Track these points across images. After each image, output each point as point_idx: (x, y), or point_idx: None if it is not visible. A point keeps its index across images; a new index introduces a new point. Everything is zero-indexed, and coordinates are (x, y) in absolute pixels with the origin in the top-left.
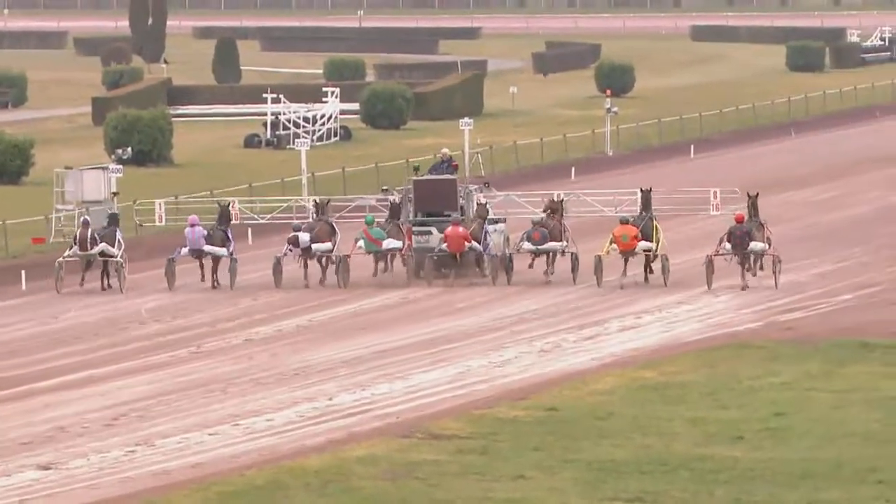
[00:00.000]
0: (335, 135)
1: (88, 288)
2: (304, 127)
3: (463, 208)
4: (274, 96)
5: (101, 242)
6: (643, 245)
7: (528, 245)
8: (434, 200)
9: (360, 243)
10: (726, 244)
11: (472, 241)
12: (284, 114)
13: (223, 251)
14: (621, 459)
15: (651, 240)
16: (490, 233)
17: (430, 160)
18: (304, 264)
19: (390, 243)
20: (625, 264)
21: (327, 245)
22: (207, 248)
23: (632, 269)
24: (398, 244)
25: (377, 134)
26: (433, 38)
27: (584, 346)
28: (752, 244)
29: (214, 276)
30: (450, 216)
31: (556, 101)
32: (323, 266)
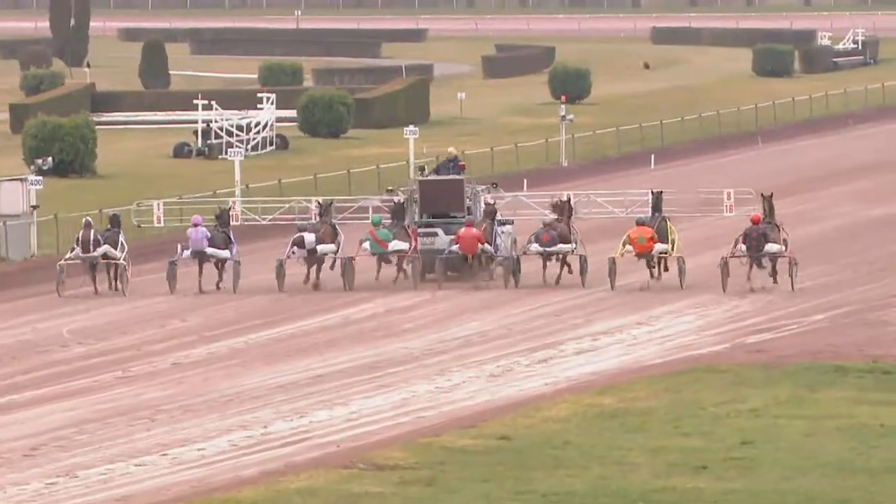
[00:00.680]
0: (271, 144)
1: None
2: (238, 135)
3: (469, 209)
4: (205, 103)
5: (104, 244)
6: (659, 247)
7: (536, 247)
8: (440, 201)
9: (366, 245)
10: (741, 246)
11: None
12: (216, 121)
13: (226, 254)
14: (577, 491)
15: (665, 241)
16: (499, 234)
17: (372, 171)
18: (311, 265)
19: (396, 245)
20: (648, 267)
21: (331, 247)
22: (210, 251)
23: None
24: (404, 246)
25: (316, 143)
26: (375, 41)
27: (538, 370)
28: (768, 245)
29: (220, 279)
30: (455, 217)
31: (508, 108)
32: (317, 268)
